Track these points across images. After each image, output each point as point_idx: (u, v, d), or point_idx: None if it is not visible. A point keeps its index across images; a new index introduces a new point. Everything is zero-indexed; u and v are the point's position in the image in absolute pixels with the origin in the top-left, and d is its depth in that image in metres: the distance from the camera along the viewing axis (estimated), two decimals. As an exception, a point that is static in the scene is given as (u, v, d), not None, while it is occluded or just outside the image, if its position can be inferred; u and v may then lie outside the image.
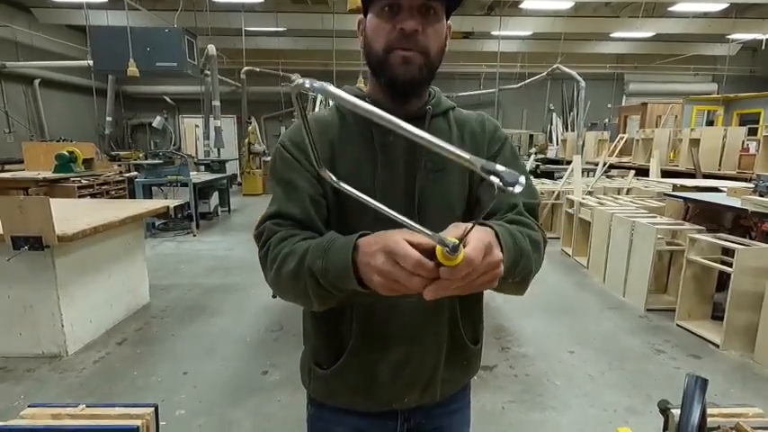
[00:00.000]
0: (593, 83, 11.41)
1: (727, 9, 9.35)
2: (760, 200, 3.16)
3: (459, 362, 0.89)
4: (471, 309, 0.90)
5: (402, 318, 0.81)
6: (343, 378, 0.85)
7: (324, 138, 0.79)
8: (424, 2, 0.71)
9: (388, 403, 0.85)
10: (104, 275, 3.14)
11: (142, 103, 12.65)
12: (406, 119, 0.79)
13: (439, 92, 0.87)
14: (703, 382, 0.63)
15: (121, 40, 6.50)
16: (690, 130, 6.65)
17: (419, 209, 0.79)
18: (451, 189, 0.81)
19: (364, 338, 0.82)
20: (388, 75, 0.74)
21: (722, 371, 2.70)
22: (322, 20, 9.68)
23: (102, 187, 6.64)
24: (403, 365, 0.83)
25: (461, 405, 0.97)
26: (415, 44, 0.72)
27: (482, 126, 0.87)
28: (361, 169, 0.78)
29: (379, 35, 0.73)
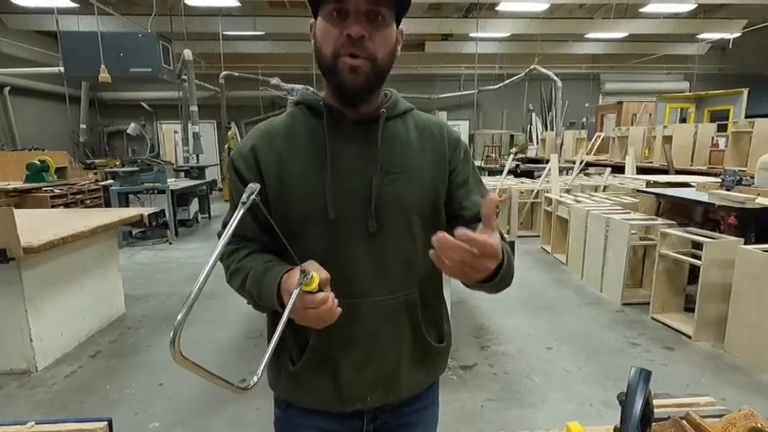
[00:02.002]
0: (570, 83, 11.63)
1: (696, 10, 9.65)
2: (726, 194, 3.26)
3: (422, 361, 0.89)
4: (434, 308, 0.91)
5: (362, 317, 0.82)
6: (308, 375, 0.85)
7: (271, 148, 0.81)
8: (371, 7, 0.71)
9: (352, 402, 0.85)
10: (76, 287, 3.06)
11: (119, 109, 12.40)
12: (360, 122, 0.80)
13: (395, 93, 0.87)
14: (647, 373, 0.64)
15: (93, 46, 6.36)
16: (663, 128, 6.84)
17: (376, 213, 0.79)
18: (409, 193, 0.82)
19: (325, 336, 0.82)
20: (337, 81, 0.75)
21: (694, 361, 2.77)
22: (301, 23, 9.65)
23: (77, 196, 6.48)
24: (364, 364, 0.83)
25: (428, 402, 0.97)
26: (362, 50, 0.72)
27: (441, 130, 0.89)
28: (309, 176, 0.79)
29: (327, 40, 0.74)
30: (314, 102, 0.83)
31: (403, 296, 0.84)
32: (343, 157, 0.79)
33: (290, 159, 0.80)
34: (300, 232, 0.81)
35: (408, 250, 0.83)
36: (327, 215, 0.78)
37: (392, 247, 0.81)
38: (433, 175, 0.84)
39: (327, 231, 0.79)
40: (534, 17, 9.93)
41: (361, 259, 0.80)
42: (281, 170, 0.80)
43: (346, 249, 0.80)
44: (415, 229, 0.83)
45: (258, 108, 12.55)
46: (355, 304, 0.81)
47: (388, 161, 0.80)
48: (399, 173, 0.81)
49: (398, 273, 0.83)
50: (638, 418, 0.61)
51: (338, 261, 0.79)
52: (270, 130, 0.84)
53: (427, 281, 0.87)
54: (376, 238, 0.80)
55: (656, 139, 6.76)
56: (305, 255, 0.78)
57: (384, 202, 0.80)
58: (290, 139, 0.82)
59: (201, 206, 7.60)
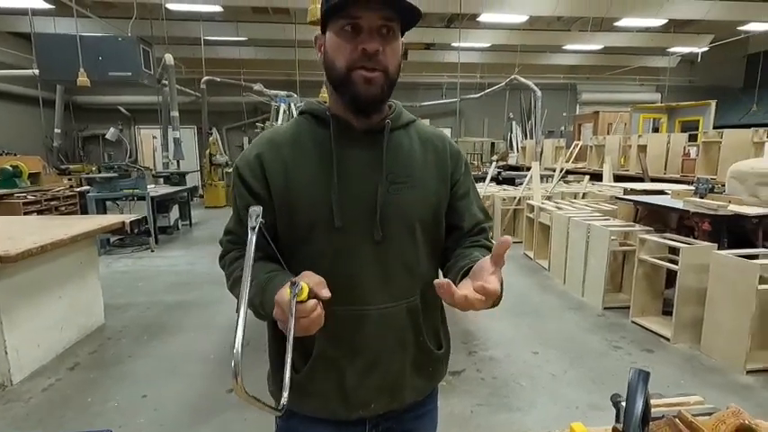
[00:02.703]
0: (548, 92, 11.94)
1: (667, 24, 10.08)
2: (700, 201, 3.40)
3: (424, 367, 0.91)
4: (434, 315, 0.93)
5: (366, 325, 0.83)
6: (313, 382, 0.85)
7: (277, 156, 0.82)
8: (383, 23, 0.74)
9: (356, 409, 0.86)
10: (54, 296, 2.96)
11: (95, 113, 12.08)
12: (366, 132, 0.82)
13: (399, 105, 0.90)
14: (645, 374, 0.67)
15: (70, 49, 6.21)
16: (638, 137, 7.09)
17: (381, 221, 0.81)
18: (413, 203, 0.83)
19: (330, 344, 0.83)
20: (352, 93, 0.77)
21: (673, 363, 2.86)
22: (284, 30, 9.64)
23: (51, 203, 6.28)
24: (369, 371, 0.85)
25: (429, 408, 0.98)
26: (377, 63, 0.75)
27: (443, 143, 0.92)
28: (316, 184, 0.80)
29: (340, 54, 0.76)
30: (320, 111, 0.84)
31: (405, 303, 0.85)
32: (349, 165, 0.81)
33: (296, 167, 0.81)
34: (307, 239, 0.82)
35: (411, 258, 0.85)
36: (333, 223, 0.79)
37: (396, 254, 0.83)
38: (436, 185, 0.87)
39: (333, 239, 0.80)
40: (514, 28, 10.19)
41: (366, 267, 0.82)
42: (288, 178, 0.81)
43: (352, 257, 0.81)
44: (418, 237, 0.85)
45: (241, 114, 12.42)
46: (360, 312, 0.82)
47: (393, 170, 0.82)
48: (404, 182, 0.83)
49: (402, 280, 0.84)
50: (639, 418, 0.64)
51: (343, 269, 0.81)
52: (275, 138, 0.86)
53: (428, 288, 0.88)
54: (380, 245, 0.81)
55: (631, 148, 7.00)
56: (311, 263, 0.80)
57: (389, 211, 0.81)
58: (295, 147, 0.83)
59: (182, 213, 7.45)
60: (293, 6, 8.54)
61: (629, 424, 0.64)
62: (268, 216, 0.83)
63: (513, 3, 8.42)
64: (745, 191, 3.49)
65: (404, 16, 0.76)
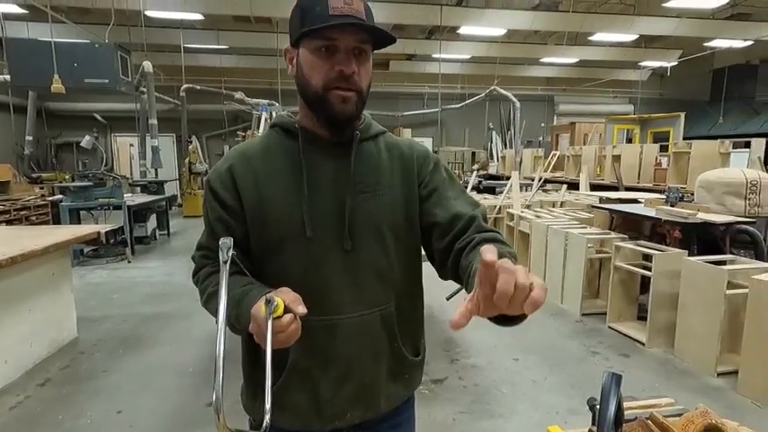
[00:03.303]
0: (527, 103, 12.23)
1: (638, 40, 10.50)
2: (671, 209, 3.52)
3: (400, 375, 0.91)
4: (410, 322, 0.93)
5: (340, 334, 0.83)
6: (287, 395, 0.85)
7: (248, 168, 0.84)
8: (358, 45, 0.76)
9: (332, 419, 0.86)
10: (24, 310, 2.85)
11: (68, 120, 11.76)
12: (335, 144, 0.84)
13: (369, 117, 0.91)
14: (618, 377, 0.70)
15: (44, 54, 6.04)
16: (612, 147, 7.32)
17: (350, 231, 0.82)
18: (381, 211, 0.84)
19: (303, 355, 0.83)
20: (328, 112, 0.79)
21: (649, 367, 2.94)
22: (267, 39, 9.63)
23: (21, 213, 6.07)
24: (343, 381, 0.85)
25: (406, 417, 0.98)
26: (352, 84, 0.77)
27: (411, 148, 0.92)
28: (287, 194, 0.82)
29: (316, 73, 0.77)
30: (289, 124, 0.86)
31: (379, 311, 0.86)
32: (319, 177, 0.82)
33: (266, 179, 0.83)
34: (278, 250, 0.82)
35: (383, 266, 0.85)
36: (305, 233, 0.80)
37: (367, 263, 0.84)
38: (403, 191, 0.87)
39: (305, 249, 0.81)
40: (493, 41, 10.44)
41: (338, 276, 0.82)
42: (259, 190, 0.82)
43: (322, 267, 0.82)
44: (389, 244, 0.85)
45: (222, 122, 12.30)
46: (333, 321, 0.82)
47: (361, 180, 0.83)
48: (371, 191, 0.84)
49: (374, 288, 0.85)
50: (612, 420, 0.66)
51: (315, 279, 0.81)
52: (246, 150, 0.87)
53: (403, 295, 0.89)
54: (351, 255, 0.82)
55: (606, 158, 7.22)
56: (283, 273, 0.81)
57: (357, 221, 0.82)
58: (266, 159, 0.84)
59: (160, 222, 7.30)
60: (275, 16, 8.56)
61: (603, 426, 0.67)
62: (240, 228, 0.84)
63: (492, 16, 8.65)
64: (712, 200, 3.64)
65: (376, 39, 0.79)
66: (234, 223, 0.84)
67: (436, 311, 3.86)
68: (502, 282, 0.49)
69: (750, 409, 2.43)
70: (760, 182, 3.50)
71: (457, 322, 0.54)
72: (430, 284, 0.90)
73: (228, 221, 0.84)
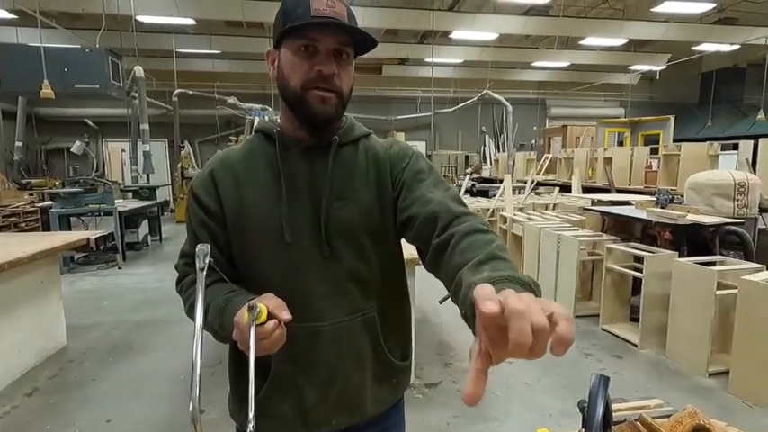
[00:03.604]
0: (519, 107, 12.33)
1: (627, 44, 10.64)
2: (661, 211, 3.56)
3: (387, 379, 0.91)
4: (395, 327, 0.92)
5: (322, 340, 0.83)
6: (271, 403, 0.84)
7: (229, 173, 0.84)
8: (338, 46, 0.76)
9: (317, 426, 0.85)
10: (12, 318, 2.80)
11: (59, 126, 11.66)
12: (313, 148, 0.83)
13: (351, 119, 0.90)
14: (606, 379, 0.70)
15: (33, 60, 6.00)
16: (603, 150, 7.39)
17: (327, 237, 0.81)
18: (355, 217, 0.83)
19: (286, 362, 0.82)
20: (306, 112, 0.78)
21: (641, 368, 2.95)
22: (259, 43, 9.63)
23: (10, 219, 5.99)
24: (327, 387, 0.84)
25: (394, 421, 0.97)
26: (332, 85, 0.77)
27: (386, 149, 0.88)
28: (266, 199, 0.82)
29: (295, 73, 0.77)
30: (269, 130, 0.85)
31: (361, 316, 0.85)
32: (297, 182, 0.82)
33: (247, 184, 0.83)
34: (258, 256, 0.82)
35: (362, 271, 0.84)
36: (284, 238, 0.80)
37: (345, 269, 0.83)
38: (378, 195, 0.84)
39: (284, 255, 0.81)
40: (485, 45, 10.52)
41: (317, 283, 0.82)
42: (239, 195, 0.82)
43: (302, 273, 0.82)
44: (368, 250, 0.84)
45: (214, 127, 12.26)
46: (314, 328, 0.82)
47: (338, 186, 0.82)
48: (347, 197, 0.83)
49: (354, 294, 0.84)
50: (600, 422, 0.66)
51: (295, 285, 0.81)
52: (228, 156, 0.87)
53: (385, 299, 0.89)
54: (329, 261, 0.82)
55: (597, 161, 7.29)
56: (263, 279, 0.81)
57: (334, 227, 0.81)
58: (247, 165, 0.84)
59: (152, 228, 7.24)
60: (267, 20, 8.56)
61: (591, 428, 0.66)
62: (223, 234, 0.83)
63: (483, 21, 8.72)
64: (701, 201, 3.68)
65: (358, 43, 0.79)
66: (217, 229, 0.84)
67: (429, 315, 3.85)
68: (515, 333, 0.39)
69: (741, 408, 2.45)
70: (748, 183, 3.55)
71: (474, 394, 0.42)
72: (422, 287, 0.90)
73: (211, 226, 0.83)
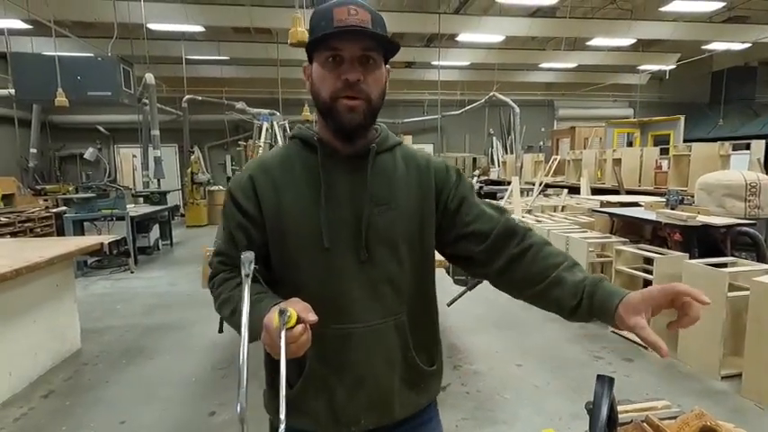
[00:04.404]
0: (527, 109, 12.29)
1: (636, 44, 10.56)
2: (671, 212, 3.53)
3: (415, 384, 0.92)
4: (423, 333, 0.94)
5: (354, 342, 0.85)
6: (304, 400, 0.87)
7: (268, 178, 0.87)
8: (363, 53, 0.78)
9: (347, 425, 0.88)
10: (28, 321, 2.87)
11: (72, 132, 11.88)
12: (352, 157, 0.87)
13: (385, 129, 0.92)
14: (610, 380, 0.71)
15: (48, 69, 6.15)
16: (612, 151, 7.34)
17: (366, 242, 0.84)
18: (396, 223, 0.86)
19: (320, 362, 0.85)
20: (336, 121, 0.81)
21: (652, 371, 2.92)
22: (267, 49, 9.73)
23: (25, 224, 6.12)
24: (357, 388, 0.86)
25: (425, 420, 0.99)
26: (358, 92, 0.79)
27: (428, 161, 0.93)
28: (305, 205, 0.84)
29: (325, 84, 0.80)
30: (308, 137, 0.88)
31: (393, 320, 0.87)
32: (336, 189, 0.84)
33: (285, 190, 0.85)
34: (296, 260, 0.85)
35: (397, 277, 0.87)
36: (322, 244, 0.83)
37: (381, 274, 0.86)
38: (419, 204, 0.89)
39: (322, 260, 0.84)
40: (491, 48, 10.51)
41: (354, 286, 0.84)
42: (278, 200, 0.85)
43: (339, 277, 0.84)
44: (403, 256, 0.87)
45: (223, 132, 12.39)
46: (348, 330, 0.85)
47: (377, 193, 0.85)
48: (387, 204, 0.86)
49: (388, 298, 0.86)
50: (604, 423, 0.67)
51: (331, 288, 0.84)
52: (266, 161, 0.90)
53: (415, 305, 0.91)
54: (366, 265, 0.84)
55: (606, 162, 7.24)
56: (300, 282, 0.84)
57: (373, 233, 0.84)
58: (285, 170, 0.87)
59: (163, 232, 7.33)
60: (275, 26, 8.66)
61: (596, 428, 0.67)
62: (260, 236, 0.86)
63: (490, 24, 8.72)
64: (712, 202, 3.65)
65: (384, 46, 0.81)
66: (254, 231, 0.86)
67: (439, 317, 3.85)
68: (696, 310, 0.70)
69: (754, 411, 2.42)
70: (759, 184, 3.51)
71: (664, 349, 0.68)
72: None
73: (248, 228, 0.86)
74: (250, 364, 0.65)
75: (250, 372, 0.62)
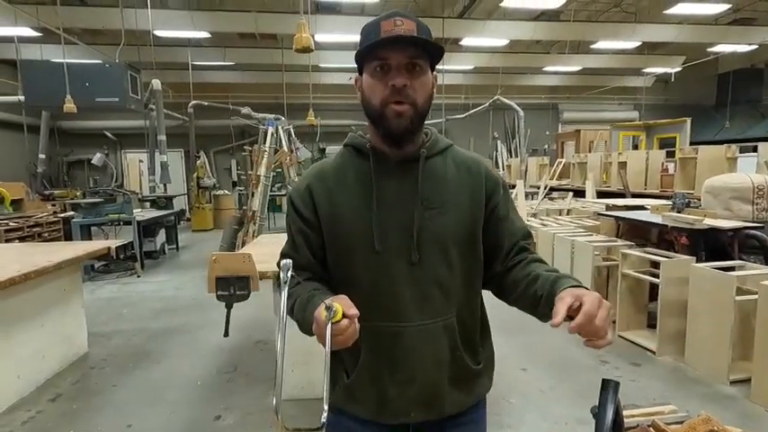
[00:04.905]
0: (531, 112, 12.27)
1: (640, 47, 10.53)
2: (677, 216, 3.50)
3: (463, 381, 0.95)
4: (471, 332, 0.97)
5: (405, 340, 0.89)
6: (358, 389, 0.92)
7: (323, 186, 0.93)
8: (409, 60, 0.83)
9: (396, 416, 0.92)
10: (36, 325, 2.90)
11: (80, 138, 12.02)
12: (403, 162, 0.91)
13: (435, 132, 0.97)
14: (615, 384, 0.71)
15: (56, 75, 6.24)
16: (618, 154, 7.30)
17: (417, 245, 0.87)
18: (447, 226, 0.89)
19: (372, 356, 0.90)
20: (385, 127, 0.86)
21: (659, 376, 2.90)
22: (273, 54, 9.81)
23: (34, 229, 6.17)
24: (407, 384, 0.90)
25: (473, 417, 1.01)
26: (405, 97, 0.83)
27: (479, 166, 0.96)
28: (358, 209, 0.89)
29: (374, 92, 0.85)
30: (360, 144, 0.93)
31: (442, 321, 0.90)
32: (388, 193, 0.89)
33: (339, 196, 0.91)
34: (350, 261, 0.90)
35: (446, 279, 0.90)
36: (374, 247, 0.87)
37: (432, 275, 0.89)
38: (470, 208, 0.91)
39: (373, 261, 0.88)
40: (495, 51, 10.53)
41: (404, 287, 0.88)
42: (333, 206, 0.91)
43: (390, 277, 0.88)
44: (453, 258, 0.90)
45: (228, 137, 12.48)
46: (399, 328, 0.89)
47: (428, 197, 0.89)
48: (438, 207, 0.89)
49: (437, 299, 0.90)
50: (610, 427, 0.67)
51: (382, 288, 0.88)
52: (322, 170, 0.96)
53: (464, 306, 0.94)
54: (416, 267, 0.88)
55: (612, 165, 7.20)
56: (353, 282, 0.89)
57: (424, 236, 0.88)
58: (339, 177, 0.93)
59: (169, 237, 7.38)
60: (280, 32, 8.73)
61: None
62: (317, 239, 0.92)
63: (494, 28, 8.74)
64: (719, 205, 3.62)
65: (429, 52, 0.85)
66: (312, 235, 0.93)
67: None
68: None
69: (764, 417, 2.39)
70: (767, 186, 3.48)
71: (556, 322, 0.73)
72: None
73: (308, 233, 0.93)
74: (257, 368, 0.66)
75: (256, 377, 0.63)
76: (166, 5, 8.16)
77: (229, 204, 10.34)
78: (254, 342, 3.51)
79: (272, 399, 0.69)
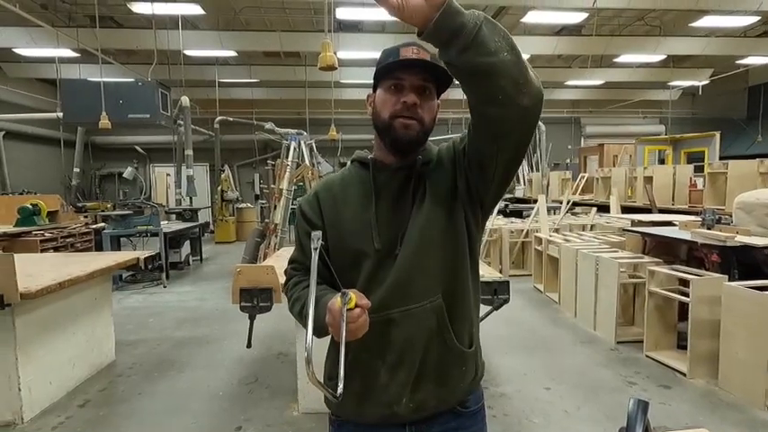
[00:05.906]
0: (553, 126, 12.18)
1: (666, 60, 10.36)
2: (707, 232, 3.40)
3: (453, 363, 0.97)
4: (460, 313, 0.99)
5: (394, 325, 0.94)
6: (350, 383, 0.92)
7: (329, 194, 1.04)
8: (421, 83, 0.93)
9: (389, 405, 0.94)
10: (68, 333, 3.00)
11: (112, 152, 12.53)
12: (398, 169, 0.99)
13: (431, 144, 1.05)
14: (645, 404, 0.70)
15: (93, 93, 6.56)
16: (643, 169, 7.14)
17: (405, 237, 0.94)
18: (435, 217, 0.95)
19: (363, 349, 0.93)
20: (393, 136, 0.95)
21: (691, 399, 2.78)
22: (296, 71, 10.07)
23: (67, 240, 6.43)
24: (397, 366, 0.94)
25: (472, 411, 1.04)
26: (414, 113, 0.93)
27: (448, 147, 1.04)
28: (358, 212, 0.99)
29: (385, 106, 0.95)
30: (363, 158, 1.05)
31: (429, 303, 0.95)
32: (385, 197, 0.98)
33: (343, 202, 1.01)
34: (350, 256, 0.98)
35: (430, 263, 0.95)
36: (374, 245, 0.95)
37: (415, 261, 0.94)
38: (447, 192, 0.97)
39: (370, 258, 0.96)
40: (516, 66, 10.50)
41: (390, 275, 0.94)
42: (337, 209, 1.01)
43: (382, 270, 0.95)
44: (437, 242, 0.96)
45: (252, 151, 12.78)
46: (387, 315, 0.94)
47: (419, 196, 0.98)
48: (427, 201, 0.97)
49: (420, 282, 0.95)
50: (639, 447, 0.66)
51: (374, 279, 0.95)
52: (329, 181, 1.08)
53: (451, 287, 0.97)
54: (400, 255, 0.95)
55: (637, 180, 7.04)
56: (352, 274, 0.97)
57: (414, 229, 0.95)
58: (343, 187, 1.04)
59: (193, 248, 7.56)
60: (304, 50, 8.97)
61: (630, 454, 0.66)
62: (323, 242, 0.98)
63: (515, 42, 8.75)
64: (752, 221, 3.49)
65: (438, 80, 0.94)
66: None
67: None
68: None
69: (807, 447, 2.26)
70: (803, 203, 3.34)
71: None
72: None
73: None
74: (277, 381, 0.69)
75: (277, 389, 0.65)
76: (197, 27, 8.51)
77: (252, 217, 10.54)
78: (276, 354, 3.54)
79: (304, 352, 0.77)
